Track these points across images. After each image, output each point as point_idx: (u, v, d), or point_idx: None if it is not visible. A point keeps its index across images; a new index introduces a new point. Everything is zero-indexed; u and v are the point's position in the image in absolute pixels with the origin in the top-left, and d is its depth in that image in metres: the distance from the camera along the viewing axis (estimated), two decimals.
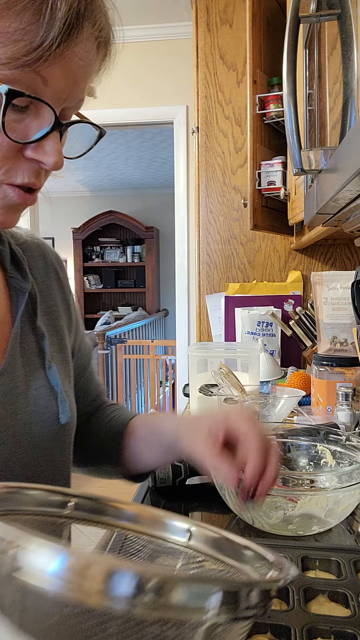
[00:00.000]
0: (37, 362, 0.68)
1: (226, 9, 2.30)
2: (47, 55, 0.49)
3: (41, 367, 0.68)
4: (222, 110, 2.33)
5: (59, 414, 0.68)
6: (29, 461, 0.64)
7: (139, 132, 4.44)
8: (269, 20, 1.84)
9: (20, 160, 0.54)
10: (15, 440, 0.63)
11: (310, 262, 2.30)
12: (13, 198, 0.56)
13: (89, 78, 0.56)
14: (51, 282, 0.76)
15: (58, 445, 0.68)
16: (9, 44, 0.48)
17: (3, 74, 0.49)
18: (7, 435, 0.62)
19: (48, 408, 0.67)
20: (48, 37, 0.48)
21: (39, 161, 0.54)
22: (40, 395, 0.66)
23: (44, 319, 0.72)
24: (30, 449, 0.64)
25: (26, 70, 0.49)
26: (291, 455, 0.96)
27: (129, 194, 7.15)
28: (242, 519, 0.84)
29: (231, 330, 2.20)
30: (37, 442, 0.65)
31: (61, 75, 0.52)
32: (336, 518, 0.80)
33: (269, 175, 1.87)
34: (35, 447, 0.65)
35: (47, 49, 0.49)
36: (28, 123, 0.53)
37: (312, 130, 1.06)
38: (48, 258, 0.77)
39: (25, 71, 0.49)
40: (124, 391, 4.64)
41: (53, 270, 0.77)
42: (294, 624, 0.54)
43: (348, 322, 1.44)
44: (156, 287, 6.92)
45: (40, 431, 0.65)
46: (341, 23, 0.77)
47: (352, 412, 1.26)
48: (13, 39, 0.48)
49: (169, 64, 2.97)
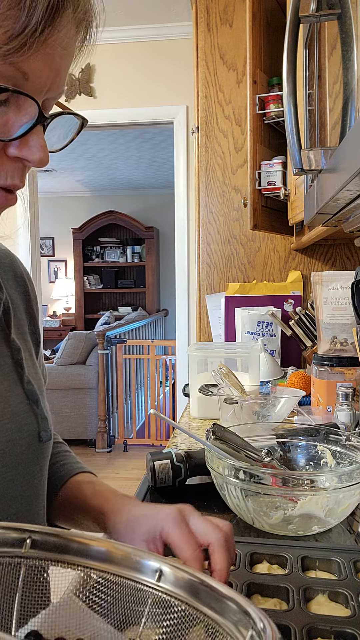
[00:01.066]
0: (14, 376, 0.64)
1: (226, 9, 2.30)
2: (30, 42, 0.45)
3: (18, 382, 0.64)
4: (222, 110, 2.33)
5: (40, 431, 0.64)
6: (11, 479, 0.60)
7: (139, 132, 4.44)
8: (269, 20, 1.84)
9: (3, 160, 0.50)
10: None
11: (310, 262, 2.30)
12: None
13: (69, 66, 0.52)
14: (18, 294, 0.71)
15: (38, 463, 0.65)
16: None
17: None
18: None
19: (28, 425, 0.63)
20: (30, 22, 0.44)
21: (24, 159, 0.51)
22: (19, 412, 0.63)
23: (16, 332, 0.67)
24: (12, 467, 0.60)
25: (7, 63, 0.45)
26: (291, 455, 0.96)
27: (129, 194, 7.15)
28: (242, 519, 0.84)
29: (231, 330, 2.20)
30: (18, 460, 0.61)
31: (43, 67, 0.48)
32: (336, 518, 0.80)
33: (269, 175, 1.87)
34: (16, 465, 0.61)
35: (29, 36, 0.45)
36: (9, 118, 0.49)
37: (312, 130, 1.06)
38: (17, 270, 0.73)
39: (5, 64, 0.45)
40: (124, 391, 4.64)
41: (22, 282, 0.73)
42: (294, 624, 0.54)
43: (348, 322, 1.44)
44: (156, 287, 6.92)
45: (20, 449, 0.62)
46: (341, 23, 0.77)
47: (352, 412, 1.26)
48: None
49: (169, 64, 2.97)
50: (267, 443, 0.96)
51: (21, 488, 0.62)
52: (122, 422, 4.56)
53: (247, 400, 1.31)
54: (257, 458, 0.85)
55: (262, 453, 0.86)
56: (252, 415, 1.28)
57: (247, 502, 0.80)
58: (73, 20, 0.49)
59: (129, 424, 4.74)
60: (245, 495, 0.79)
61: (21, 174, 0.52)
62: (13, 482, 0.61)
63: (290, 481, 0.76)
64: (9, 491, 0.60)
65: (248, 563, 0.65)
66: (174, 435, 1.38)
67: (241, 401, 1.29)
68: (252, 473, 0.77)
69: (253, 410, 1.29)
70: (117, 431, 4.54)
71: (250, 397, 1.34)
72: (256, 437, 0.96)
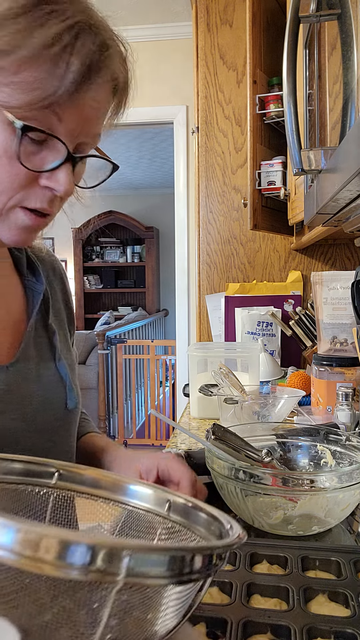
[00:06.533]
0: (48, 355, 0.77)
1: (226, 9, 2.30)
2: (61, 101, 0.56)
3: (52, 359, 0.77)
4: (222, 110, 2.33)
5: (67, 400, 0.76)
6: (38, 441, 0.71)
7: (139, 132, 4.44)
8: (269, 20, 1.84)
9: (35, 188, 0.61)
10: (28, 422, 0.70)
11: (310, 262, 2.30)
12: (25, 220, 0.63)
13: (104, 117, 0.64)
14: (57, 288, 0.86)
15: (64, 428, 0.76)
16: (28, 91, 0.56)
17: (20, 113, 0.56)
18: (22, 415, 0.69)
19: (57, 395, 0.75)
20: (62, 87, 0.56)
21: (52, 188, 0.61)
22: (50, 382, 0.75)
23: (53, 318, 0.80)
24: (40, 429, 0.72)
25: (45, 110, 0.57)
26: (291, 455, 0.96)
27: (129, 194, 7.15)
28: (242, 518, 0.84)
29: (231, 330, 2.20)
30: (46, 424, 0.73)
31: (74, 115, 0.59)
32: (336, 518, 0.80)
33: (269, 175, 1.87)
34: (44, 429, 0.72)
35: (60, 96, 0.56)
36: (44, 155, 0.60)
37: (312, 130, 1.06)
38: (57, 269, 0.88)
39: (43, 111, 0.57)
40: (124, 391, 4.64)
41: (60, 278, 0.87)
42: (294, 624, 0.54)
43: (348, 322, 1.44)
44: (156, 287, 6.91)
45: (50, 415, 0.73)
46: (341, 23, 0.77)
47: (352, 412, 1.26)
48: (32, 87, 0.55)
49: (169, 64, 2.97)
50: (267, 443, 0.96)
51: (48, 446, 0.72)
52: (122, 422, 4.56)
53: (247, 400, 1.31)
54: (257, 458, 0.85)
55: (262, 453, 0.86)
56: (252, 415, 1.28)
57: (247, 502, 0.80)
58: (103, 85, 0.60)
59: (129, 424, 4.74)
60: (245, 495, 0.79)
61: (49, 201, 0.63)
62: (41, 441, 0.71)
63: (290, 481, 0.76)
64: (37, 448, 0.70)
65: (248, 563, 0.65)
66: (174, 435, 1.38)
67: (241, 401, 1.29)
68: (252, 473, 0.77)
69: (253, 410, 1.29)
70: (117, 431, 4.54)
71: (250, 397, 1.34)
72: (256, 437, 0.96)
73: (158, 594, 0.36)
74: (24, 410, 0.70)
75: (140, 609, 0.36)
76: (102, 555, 0.31)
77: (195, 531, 0.50)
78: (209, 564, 0.36)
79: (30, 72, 0.55)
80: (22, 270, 0.78)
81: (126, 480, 0.56)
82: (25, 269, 0.79)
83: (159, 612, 0.37)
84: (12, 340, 0.73)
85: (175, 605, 0.38)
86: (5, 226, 0.63)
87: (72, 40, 0.56)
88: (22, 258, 0.79)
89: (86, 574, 0.31)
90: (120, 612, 0.35)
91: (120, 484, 0.55)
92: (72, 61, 0.56)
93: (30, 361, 0.73)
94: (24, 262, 0.79)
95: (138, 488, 0.55)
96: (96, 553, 0.31)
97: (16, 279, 0.78)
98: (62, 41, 0.56)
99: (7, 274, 0.77)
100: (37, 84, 0.56)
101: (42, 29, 0.55)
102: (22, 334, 0.75)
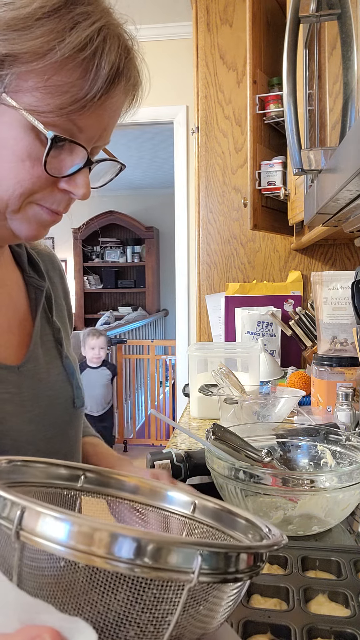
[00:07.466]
0: (55, 353, 0.77)
1: (226, 9, 2.30)
2: (89, 105, 0.57)
3: (58, 357, 0.77)
4: (222, 110, 2.33)
5: (74, 398, 0.77)
6: (50, 438, 0.72)
7: (139, 132, 4.44)
8: (269, 20, 1.84)
9: (54, 190, 0.62)
10: (39, 420, 0.71)
11: (310, 262, 2.30)
12: (43, 215, 0.63)
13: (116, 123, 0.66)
14: (57, 283, 0.85)
15: (73, 425, 0.77)
16: (59, 95, 0.55)
17: (47, 120, 0.56)
18: (33, 415, 0.70)
19: (65, 393, 0.76)
20: (92, 91, 0.56)
21: (70, 192, 0.62)
22: (58, 382, 0.75)
23: (56, 314, 0.81)
24: (51, 427, 0.72)
25: (67, 119, 0.57)
26: (291, 455, 0.96)
27: (129, 194, 7.14)
28: None
29: (231, 330, 2.20)
30: (56, 422, 0.73)
31: (94, 123, 0.60)
32: (336, 518, 0.80)
33: (269, 175, 1.87)
34: (54, 426, 0.73)
35: (89, 100, 0.57)
36: (63, 159, 0.60)
37: (312, 130, 1.06)
38: (55, 264, 0.87)
39: (66, 120, 0.57)
40: (124, 391, 4.64)
41: (59, 274, 0.87)
42: (294, 624, 0.54)
43: (348, 322, 1.44)
44: (156, 287, 6.91)
45: (58, 412, 0.74)
46: (341, 23, 0.77)
47: (352, 412, 1.26)
48: (63, 90, 0.55)
49: (169, 64, 2.97)
50: (267, 443, 0.96)
51: (58, 445, 0.73)
52: (122, 422, 4.56)
53: (247, 400, 1.31)
54: (257, 458, 0.85)
55: (262, 453, 0.86)
56: (252, 415, 1.28)
57: (247, 502, 0.80)
58: (124, 89, 0.61)
59: (129, 424, 4.73)
60: (245, 495, 0.79)
61: (66, 204, 0.64)
62: (51, 440, 0.72)
63: (290, 481, 0.76)
64: (48, 447, 0.71)
65: None
66: (174, 435, 1.38)
67: (241, 401, 1.29)
68: (252, 473, 0.77)
69: (253, 410, 1.29)
70: (117, 431, 4.54)
71: (250, 397, 1.34)
72: (256, 437, 0.96)
73: (222, 591, 0.38)
74: (35, 411, 0.70)
75: (206, 606, 0.37)
76: (177, 553, 0.33)
77: (234, 535, 0.50)
78: (260, 561, 0.38)
79: (61, 76, 0.55)
80: (23, 266, 0.78)
81: (164, 487, 0.56)
82: (27, 265, 0.78)
83: (220, 608, 0.38)
84: (20, 339, 0.73)
85: (229, 602, 0.39)
86: (25, 221, 0.63)
87: (102, 43, 0.56)
88: (23, 253, 0.78)
89: (162, 572, 0.33)
90: (191, 609, 0.36)
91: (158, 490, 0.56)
92: (102, 65, 0.56)
93: (39, 361, 0.73)
94: (24, 257, 0.78)
95: (173, 494, 0.55)
96: (169, 551, 0.33)
97: (17, 274, 0.77)
98: (92, 44, 0.55)
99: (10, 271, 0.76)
100: (68, 87, 0.55)
101: (74, 31, 0.54)
102: (28, 332, 0.74)
